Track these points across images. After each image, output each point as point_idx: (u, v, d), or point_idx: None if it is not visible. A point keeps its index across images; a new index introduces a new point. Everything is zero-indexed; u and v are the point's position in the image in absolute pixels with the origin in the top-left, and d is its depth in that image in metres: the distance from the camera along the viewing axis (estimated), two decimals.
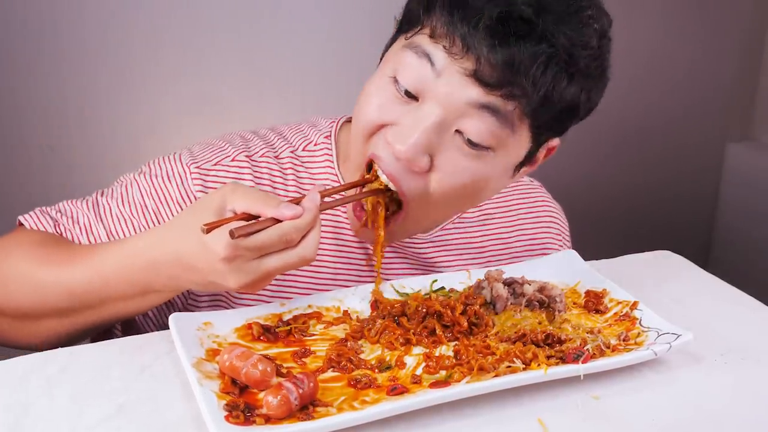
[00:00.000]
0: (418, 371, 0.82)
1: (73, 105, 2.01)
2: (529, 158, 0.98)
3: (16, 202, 1.88)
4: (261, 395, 0.76)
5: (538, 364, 0.80)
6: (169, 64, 2.03)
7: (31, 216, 1.04)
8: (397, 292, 0.97)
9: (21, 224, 1.04)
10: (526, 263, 1.06)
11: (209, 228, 0.80)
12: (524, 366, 0.80)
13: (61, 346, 0.87)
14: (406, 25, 0.95)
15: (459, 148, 0.92)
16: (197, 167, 1.04)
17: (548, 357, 0.82)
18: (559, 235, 1.22)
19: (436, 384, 0.79)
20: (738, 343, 0.90)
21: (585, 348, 0.83)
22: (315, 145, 1.09)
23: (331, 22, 2.08)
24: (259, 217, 0.83)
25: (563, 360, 0.82)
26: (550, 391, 0.80)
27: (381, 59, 0.99)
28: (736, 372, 0.85)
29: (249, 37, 2.07)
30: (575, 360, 0.81)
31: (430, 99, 0.91)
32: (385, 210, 0.97)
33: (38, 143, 2.00)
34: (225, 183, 1.00)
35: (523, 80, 0.87)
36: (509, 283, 0.95)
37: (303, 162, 1.08)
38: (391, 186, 0.94)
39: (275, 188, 1.05)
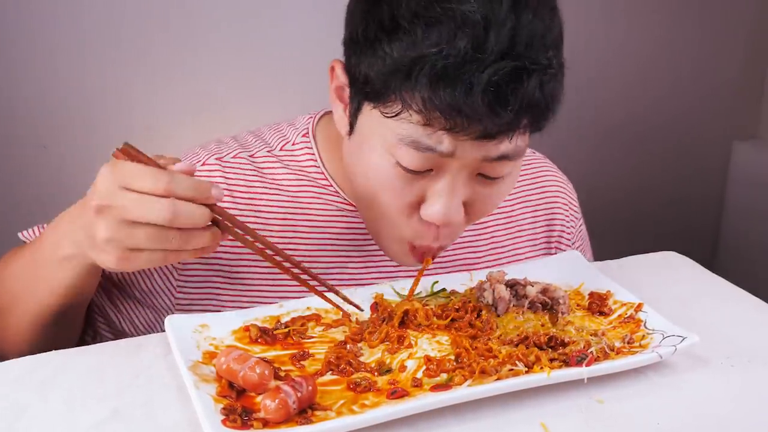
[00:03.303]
0: (419, 374, 0.81)
1: (67, 104, 2.01)
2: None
3: (10, 202, 1.88)
4: (259, 399, 0.74)
5: (541, 367, 0.79)
6: (164, 63, 2.03)
7: (29, 231, 1.06)
8: (398, 294, 0.96)
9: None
10: (529, 264, 1.05)
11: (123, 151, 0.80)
12: (527, 369, 0.79)
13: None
14: (373, 96, 0.87)
15: (485, 185, 0.91)
16: None
17: (551, 360, 0.81)
18: (566, 204, 1.21)
19: (437, 387, 0.78)
20: (744, 345, 0.89)
21: (589, 351, 0.82)
22: (293, 144, 1.08)
23: (330, 20, 2.08)
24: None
25: (566, 363, 0.81)
26: (553, 395, 0.78)
27: (352, 112, 0.93)
28: (742, 375, 0.83)
29: (246, 36, 2.06)
30: (579, 363, 0.79)
31: (446, 167, 0.87)
32: None
33: (32, 142, 2.00)
34: None
35: (528, 114, 0.84)
36: (511, 285, 0.94)
37: (282, 160, 1.07)
38: None
39: (250, 187, 1.05)
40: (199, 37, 2.04)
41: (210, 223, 0.81)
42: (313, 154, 1.08)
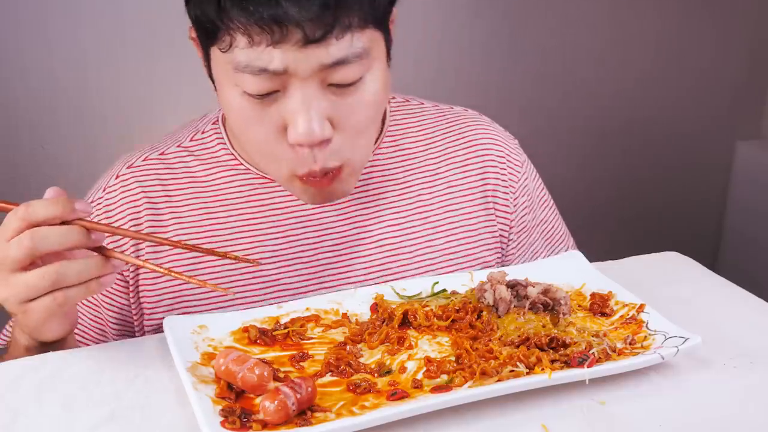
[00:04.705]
0: (419, 376, 0.80)
1: (66, 104, 2.00)
2: (388, 41, 0.98)
3: None
4: (258, 400, 0.74)
5: (542, 369, 0.78)
6: (164, 62, 2.02)
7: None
8: (398, 294, 0.96)
9: None
10: (529, 264, 1.04)
11: None
12: (528, 370, 0.78)
13: None
14: (208, 37, 0.90)
15: (341, 94, 0.91)
16: (90, 202, 1.06)
17: (552, 361, 0.80)
18: (502, 156, 1.16)
19: (437, 389, 0.77)
20: (747, 346, 0.88)
21: (590, 352, 0.81)
22: (203, 133, 1.10)
23: None
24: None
25: (568, 364, 0.80)
26: (554, 396, 0.78)
27: (207, 66, 0.97)
28: (745, 376, 0.83)
29: None
30: (580, 364, 0.79)
31: (291, 84, 0.89)
32: None
33: (30, 142, 2.00)
34: (116, 203, 1.04)
35: (341, 8, 0.85)
36: (512, 285, 0.93)
37: (192, 152, 1.09)
38: None
39: (165, 185, 1.06)
40: None
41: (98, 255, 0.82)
42: (222, 137, 1.09)
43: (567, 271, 1.01)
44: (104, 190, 1.07)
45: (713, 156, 2.77)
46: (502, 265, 1.14)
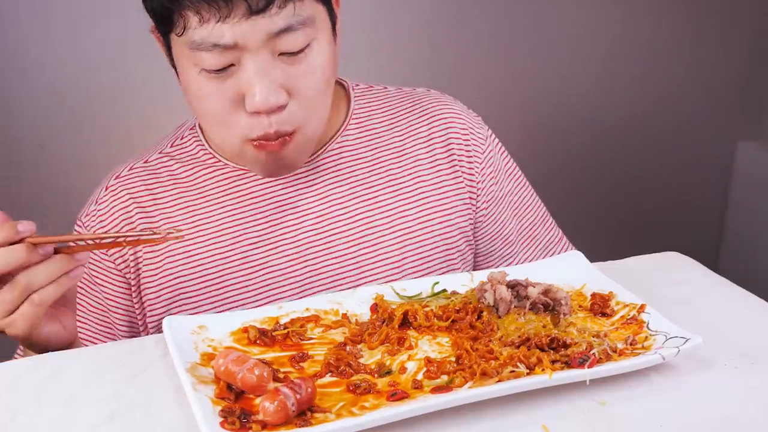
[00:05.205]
0: (419, 376, 0.80)
1: (64, 104, 2.00)
2: (332, 16, 1.03)
3: (7, 203, 1.88)
4: (257, 401, 0.74)
5: (543, 369, 0.78)
6: (165, 62, 2.02)
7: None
8: (398, 294, 0.95)
9: None
10: (530, 265, 1.04)
11: None
12: (528, 371, 0.78)
13: None
14: (165, 24, 0.96)
15: (292, 62, 0.97)
16: (86, 216, 1.13)
17: (553, 362, 0.80)
18: (465, 129, 1.19)
19: (437, 389, 0.77)
20: (748, 346, 0.88)
21: (591, 352, 0.81)
22: (182, 139, 1.16)
23: None
24: None
25: (568, 365, 0.80)
26: (554, 397, 0.78)
27: (169, 55, 1.03)
28: (746, 377, 0.83)
29: None
30: (581, 365, 0.79)
31: (244, 57, 0.95)
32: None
33: (29, 143, 2.00)
34: (109, 212, 1.11)
35: None
36: (513, 286, 0.93)
37: (174, 156, 1.15)
38: None
39: (152, 191, 1.12)
40: None
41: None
42: (200, 139, 1.15)
43: (567, 271, 1.01)
44: (96, 203, 1.13)
45: (714, 156, 2.77)
46: (475, 235, 1.19)
